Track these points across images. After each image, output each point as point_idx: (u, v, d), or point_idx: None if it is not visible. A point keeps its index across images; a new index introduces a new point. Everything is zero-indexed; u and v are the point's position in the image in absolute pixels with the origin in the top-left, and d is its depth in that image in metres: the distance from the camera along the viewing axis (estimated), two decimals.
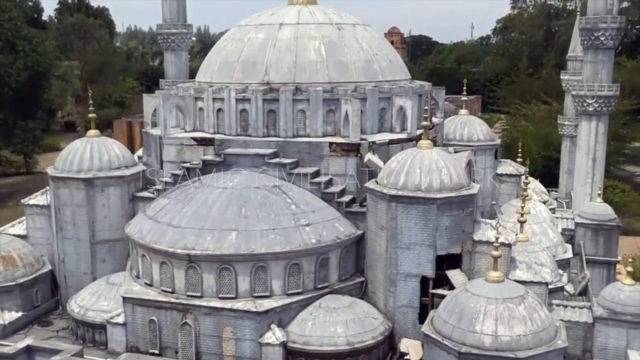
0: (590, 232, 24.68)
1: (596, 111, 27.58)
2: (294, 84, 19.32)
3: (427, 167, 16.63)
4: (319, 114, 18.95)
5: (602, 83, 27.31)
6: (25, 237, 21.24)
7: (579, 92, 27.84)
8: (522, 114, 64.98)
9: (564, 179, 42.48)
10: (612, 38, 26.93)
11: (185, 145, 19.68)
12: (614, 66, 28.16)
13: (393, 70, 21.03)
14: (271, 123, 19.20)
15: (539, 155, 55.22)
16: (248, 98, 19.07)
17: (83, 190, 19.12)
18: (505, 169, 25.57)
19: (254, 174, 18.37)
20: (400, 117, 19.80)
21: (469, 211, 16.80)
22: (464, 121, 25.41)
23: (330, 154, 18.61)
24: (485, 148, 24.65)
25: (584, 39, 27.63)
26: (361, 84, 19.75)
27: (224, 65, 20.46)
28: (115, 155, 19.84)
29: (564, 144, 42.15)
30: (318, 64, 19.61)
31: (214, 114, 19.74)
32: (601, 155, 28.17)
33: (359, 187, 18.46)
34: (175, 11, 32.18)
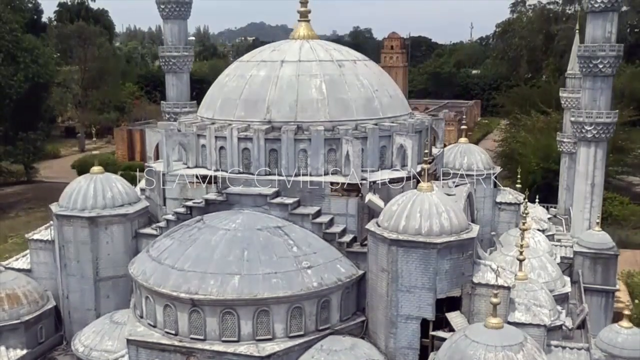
0: (589, 260, 24.93)
1: (594, 138, 27.81)
2: (296, 122, 19.54)
3: (427, 211, 16.84)
4: (320, 153, 19.18)
5: (601, 110, 27.53)
6: (30, 271, 21.47)
7: (577, 118, 28.07)
8: (521, 124, 65.13)
9: (562, 195, 42.74)
10: (610, 66, 27.16)
11: (188, 182, 19.88)
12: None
13: (393, 105, 21.25)
14: (273, 162, 19.42)
15: (538, 167, 55.48)
16: (250, 137, 19.29)
17: (87, 229, 19.34)
18: (505, 197, 25.82)
19: (256, 214, 18.60)
20: (400, 155, 20.03)
21: (468, 254, 17.03)
22: (464, 150, 25.65)
23: (331, 194, 18.85)
24: (484, 177, 24.92)
25: (582, 65, 27.86)
26: (362, 122, 19.99)
27: (226, 102, 20.67)
28: (118, 193, 20.06)
29: (563, 160, 42.39)
30: (319, 103, 19.82)
31: (216, 152, 19.96)
32: (599, 181, 28.39)
33: (359, 226, 18.68)
34: (177, 35, 32.41)
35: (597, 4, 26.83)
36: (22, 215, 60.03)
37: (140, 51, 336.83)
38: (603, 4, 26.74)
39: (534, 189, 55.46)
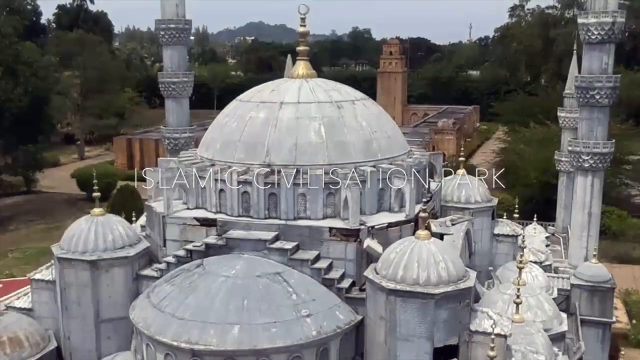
0: (586, 293, 25.13)
1: (592, 167, 28.00)
2: (295, 166, 19.73)
3: (425, 260, 17.04)
4: (319, 197, 19.37)
5: (598, 140, 27.73)
6: (31, 310, 21.65)
7: (574, 148, 28.26)
8: (519, 136, 65.35)
9: (560, 213, 43.01)
10: (607, 97, 27.37)
11: (188, 225, 20.06)
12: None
13: (392, 146, 21.45)
14: (272, 205, 19.60)
15: (537, 180, 55.71)
16: (249, 181, 19.46)
17: (88, 272, 19.52)
18: (502, 229, 26.04)
19: (256, 258, 18.80)
20: (398, 198, 20.22)
21: (465, 303, 17.22)
22: (462, 182, 25.81)
23: (330, 239, 19.03)
24: (482, 210, 25.15)
25: (579, 96, 28.05)
26: (360, 164, 20.17)
27: (225, 144, 20.86)
28: (119, 235, 20.23)
29: (561, 180, 42.63)
30: (318, 146, 20.01)
31: (216, 194, 20.14)
32: (596, 211, 28.60)
33: (358, 271, 18.87)
34: (177, 61, 32.60)
35: (593, 35, 27.02)
36: (22, 228, 60.28)
37: (139, 52, 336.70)
38: (600, 36, 26.93)
39: (532, 202, 56.06)
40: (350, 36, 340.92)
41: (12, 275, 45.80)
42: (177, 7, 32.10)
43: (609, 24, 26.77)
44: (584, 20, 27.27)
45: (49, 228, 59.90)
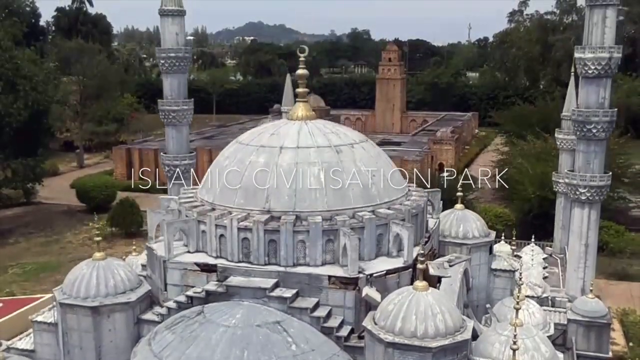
0: (582, 328, 25.35)
1: (588, 200, 28.23)
2: (294, 212, 19.96)
3: (422, 313, 17.27)
4: (318, 244, 19.61)
5: (594, 173, 27.96)
6: (33, 352, 21.88)
7: (571, 180, 28.49)
8: (517, 149, 65.56)
9: (558, 234, 43.24)
10: (603, 130, 27.59)
11: (189, 270, 20.29)
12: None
13: (390, 189, 21.67)
14: (272, 252, 19.84)
15: (535, 195, 55.93)
16: (250, 228, 19.68)
17: (90, 317, 19.74)
18: (500, 264, 26.25)
19: (256, 306, 19.04)
20: (397, 242, 20.45)
21: (463, 355, 17.46)
22: (460, 217, 26.03)
23: (329, 286, 19.27)
24: (480, 245, 25.37)
25: (576, 129, 28.26)
26: (359, 210, 20.41)
27: (226, 188, 21.09)
28: (120, 280, 20.45)
29: (559, 200, 42.84)
30: (317, 192, 20.24)
31: (216, 239, 20.37)
32: (593, 241, 28.84)
33: (357, 319, 19.11)
34: (177, 89, 32.81)
35: (590, 70, 27.25)
36: (22, 241, 60.38)
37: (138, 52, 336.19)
38: (596, 71, 27.16)
39: (530, 216, 56.35)
40: (350, 37, 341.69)
41: (13, 293, 45.94)
42: (177, 36, 32.31)
43: (606, 59, 26.98)
44: (581, 55, 27.47)
45: (48, 241, 60.12)
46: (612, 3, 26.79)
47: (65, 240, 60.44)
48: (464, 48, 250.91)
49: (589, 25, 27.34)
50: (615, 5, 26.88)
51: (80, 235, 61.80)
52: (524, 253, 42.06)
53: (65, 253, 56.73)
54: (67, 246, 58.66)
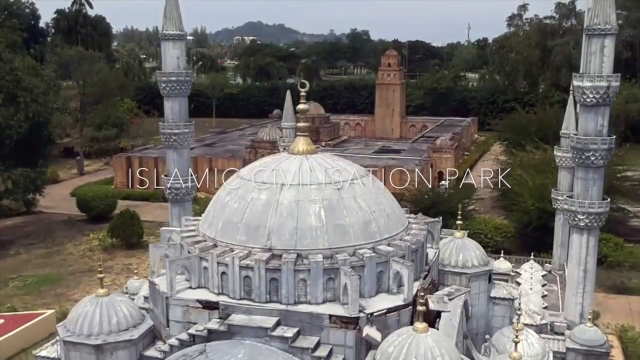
0: (581, 356, 25.60)
1: (587, 226, 28.44)
2: (295, 250, 20.16)
3: (422, 356, 17.44)
4: (319, 282, 19.82)
5: (593, 200, 28.15)
6: None
7: (570, 207, 28.69)
8: (517, 160, 65.72)
9: (557, 251, 43.46)
10: (602, 158, 27.78)
11: (191, 307, 20.48)
12: None
13: (390, 224, 21.86)
14: (273, 290, 20.04)
15: (534, 207, 56.11)
16: (251, 267, 19.88)
17: (93, 355, 19.95)
18: (499, 292, 26.43)
19: (257, 346, 19.23)
20: (397, 279, 20.65)
21: None
22: (459, 246, 26.21)
23: (330, 325, 19.47)
24: (479, 274, 25.57)
25: (575, 156, 28.46)
26: (360, 247, 20.61)
27: (227, 224, 21.27)
28: (123, 317, 20.64)
29: (558, 217, 43.01)
30: (318, 230, 20.43)
31: (218, 276, 20.56)
32: (592, 267, 29.05)
33: (357, 358, 19.31)
34: (178, 112, 32.97)
35: (588, 98, 27.44)
36: (23, 252, 60.55)
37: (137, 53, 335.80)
38: (595, 99, 27.35)
39: (530, 228, 56.54)
40: (349, 37, 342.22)
41: (14, 308, 46.12)
42: (178, 60, 32.46)
43: (604, 88, 27.17)
44: (579, 83, 27.66)
45: (48, 253, 60.28)
46: (610, 32, 26.98)
47: (66, 251, 60.62)
48: (463, 49, 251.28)
49: (587, 54, 27.53)
50: (613, 35, 27.04)
51: (80, 246, 62.04)
52: (523, 270, 42.36)
53: (65, 265, 56.95)
54: (68, 258, 58.85)
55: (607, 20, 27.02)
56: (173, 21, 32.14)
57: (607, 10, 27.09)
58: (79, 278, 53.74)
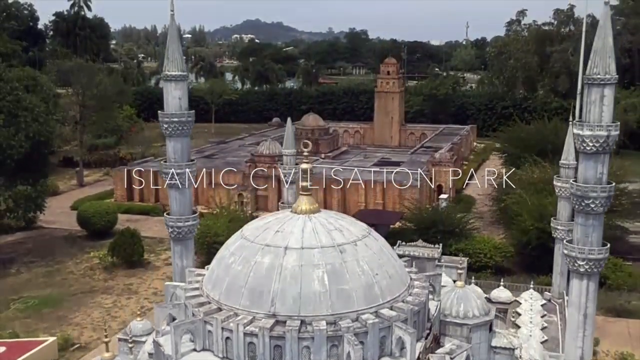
0: None
1: (587, 272, 28.66)
2: (299, 317, 20.39)
3: None
4: (322, 350, 20.05)
5: (593, 247, 28.35)
6: None
7: (570, 252, 28.88)
8: (516, 178, 65.85)
9: (557, 279, 43.78)
10: (602, 205, 27.96)
11: None
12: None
13: (393, 286, 22.10)
14: (277, 356, 20.27)
15: (533, 227, 56.40)
16: (255, 333, 20.10)
17: None
18: (499, 342, 26.69)
19: None
20: (399, 343, 20.88)
21: None
22: (460, 296, 26.41)
23: None
24: (480, 324, 25.81)
25: (575, 202, 28.64)
26: (362, 312, 20.85)
27: (231, 287, 21.50)
28: None
29: (557, 247, 43.26)
30: (321, 296, 20.66)
31: (222, 341, 20.79)
32: (592, 312, 29.25)
33: None
34: (180, 151, 33.10)
35: (588, 147, 27.61)
36: (24, 271, 60.77)
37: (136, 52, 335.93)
38: (594, 148, 27.53)
39: (529, 248, 56.82)
40: (347, 37, 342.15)
41: (16, 334, 46.30)
42: (180, 100, 32.57)
43: (604, 137, 27.33)
44: (579, 132, 27.83)
45: (49, 271, 60.50)
46: (609, 82, 27.15)
47: (67, 270, 60.85)
48: (462, 50, 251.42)
49: (587, 103, 27.71)
50: (612, 84, 27.23)
51: (81, 264, 62.28)
52: (523, 300, 42.67)
53: (67, 285, 57.20)
54: (69, 277, 59.09)
55: (607, 70, 27.18)
56: (175, 62, 32.26)
57: (606, 60, 27.25)
58: (80, 299, 53.97)
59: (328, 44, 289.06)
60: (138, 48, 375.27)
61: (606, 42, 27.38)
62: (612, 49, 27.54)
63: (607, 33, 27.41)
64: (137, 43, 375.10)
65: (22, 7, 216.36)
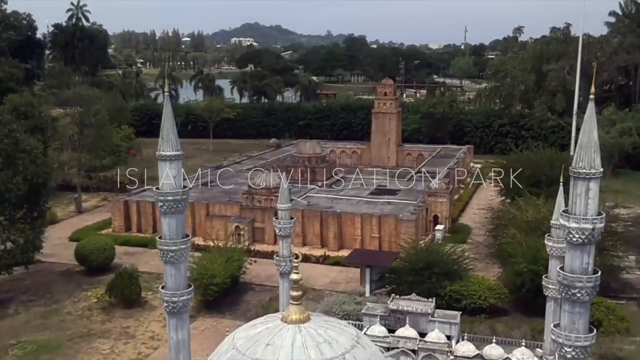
0: None
1: (573, 357, 29.19)
2: None
3: None
4: None
5: (579, 334, 28.82)
6: None
7: (557, 338, 29.29)
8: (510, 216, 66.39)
9: (548, 336, 44.24)
10: (588, 294, 28.46)
11: None
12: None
13: None
14: None
15: (527, 269, 57.01)
16: None
17: None
18: None
19: None
20: None
21: None
22: None
23: None
24: None
25: (562, 290, 29.15)
26: None
27: None
28: None
29: (549, 304, 43.84)
30: None
31: None
32: None
33: None
34: (175, 229, 33.54)
35: (574, 238, 28.10)
36: (22, 311, 61.28)
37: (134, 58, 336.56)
38: (580, 239, 28.02)
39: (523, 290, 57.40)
40: (346, 42, 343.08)
41: None
42: (174, 179, 33.07)
43: (589, 230, 27.79)
44: (566, 223, 28.32)
45: (47, 312, 61.01)
46: (594, 176, 27.66)
47: (65, 310, 61.37)
48: (460, 59, 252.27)
49: (573, 195, 28.24)
50: (597, 178, 27.75)
51: (79, 303, 62.81)
52: (514, 358, 43.33)
53: (65, 328, 57.71)
54: (67, 319, 59.60)
55: (592, 164, 27.66)
56: (170, 143, 32.72)
57: (591, 155, 27.72)
58: (78, 344, 54.51)
59: (326, 51, 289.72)
60: (137, 53, 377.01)
61: (591, 137, 27.86)
62: (597, 144, 28.03)
63: (592, 128, 27.88)
64: (136, 48, 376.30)
65: (21, 17, 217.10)
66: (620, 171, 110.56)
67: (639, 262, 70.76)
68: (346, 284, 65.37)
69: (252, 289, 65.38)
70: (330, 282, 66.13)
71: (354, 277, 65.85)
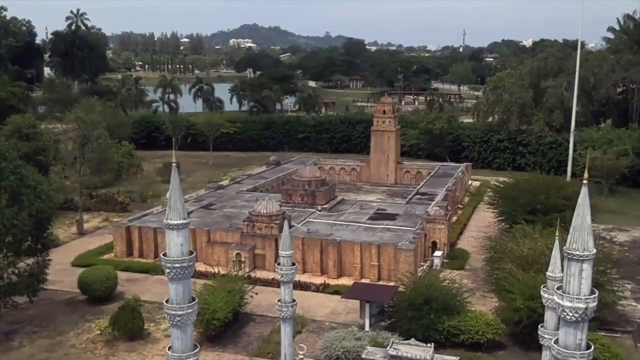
0: None
1: None
2: None
3: None
4: None
5: None
6: None
7: None
8: (507, 252, 67.28)
9: None
10: None
11: None
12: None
13: None
14: None
15: (524, 306, 58.03)
16: None
17: None
18: None
19: None
20: None
21: None
22: None
23: None
24: None
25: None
26: None
27: None
28: None
29: (545, 353, 44.88)
30: None
31: None
32: None
33: None
34: (182, 294, 34.60)
35: (568, 316, 29.20)
36: (26, 344, 62.13)
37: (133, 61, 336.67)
38: (574, 317, 29.12)
39: (520, 327, 58.39)
40: (345, 47, 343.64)
41: None
42: (181, 247, 34.02)
43: (582, 309, 28.91)
44: (560, 301, 29.42)
45: (52, 344, 61.85)
46: (588, 258, 28.75)
47: (69, 343, 62.23)
48: (459, 66, 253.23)
49: (567, 274, 29.31)
50: (591, 260, 28.83)
51: (83, 335, 63.68)
52: None
53: None
54: (71, 352, 60.48)
55: (585, 247, 28.76)
56: (177, 212, 33.74)
57: (584, 237, 28.83)
58: None
59: (325, 56, 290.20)
60: (136, 56, 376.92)
61: (584, 220, 28.98)
62: (590, 227, 29.14)
63: (586, 212, 29.03)
64: (135, 50, 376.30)
65: (20, 24, 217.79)
66: (617, 188, 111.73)
67: (634, 291, 71.73)
68: (346, 314, 66.34)
69: (253, 319, 66.29)
70: (330, 312, 67.09)
71: (353, 307, 66.81)
